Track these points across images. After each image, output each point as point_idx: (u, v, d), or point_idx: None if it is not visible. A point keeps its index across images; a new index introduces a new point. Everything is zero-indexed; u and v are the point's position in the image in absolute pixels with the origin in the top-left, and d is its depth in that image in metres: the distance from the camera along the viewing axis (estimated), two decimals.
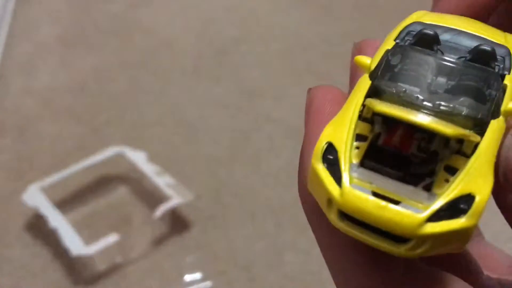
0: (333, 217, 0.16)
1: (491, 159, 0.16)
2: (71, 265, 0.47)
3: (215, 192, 0.53)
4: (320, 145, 0.17)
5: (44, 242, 0.49)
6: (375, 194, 0.16)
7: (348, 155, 0.17)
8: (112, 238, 0.45)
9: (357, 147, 0.17)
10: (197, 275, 0.47)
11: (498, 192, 0.17)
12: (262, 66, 0.67)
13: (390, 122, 0.17)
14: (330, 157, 0.17)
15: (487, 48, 0.18)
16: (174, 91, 0.64)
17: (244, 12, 0.76)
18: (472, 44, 0.18)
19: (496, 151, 0.16)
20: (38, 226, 0.49)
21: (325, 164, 0.17)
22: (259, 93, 0.64)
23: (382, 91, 0.18)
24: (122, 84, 0.65)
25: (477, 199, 0.15)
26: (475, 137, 0.16)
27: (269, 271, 0.47)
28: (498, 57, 0.18)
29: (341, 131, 0.17)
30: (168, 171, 0.52)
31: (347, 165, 0.16)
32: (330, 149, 0.17)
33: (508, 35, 0.19)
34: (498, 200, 0.17)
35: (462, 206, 0.15)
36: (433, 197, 0.16)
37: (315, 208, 0.17)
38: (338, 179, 0.16)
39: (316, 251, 0.19)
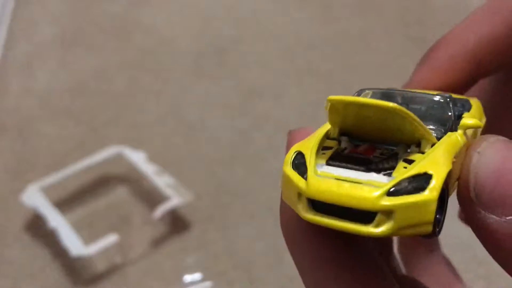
0: (302, 209, 0.17)
1: (447, 155, 0.17)
2: (70, 265, 0.47)
3: (215, 192, 0.53)
4: (290, 154, 0.19)
5: (44, 242, 0.49)
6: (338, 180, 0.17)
7: (314, 158, 0.18)
8: (111, 238, 0.45)
9: (323, 153, 0.19)
10: (197, 276, 0.46)
11: (469, 210, 0.18)
12: (262, 66, 0.67)
13: (356, 141, 0.19)
14: (298, 161, 0.18)
15: (446, 95, 0.20)
16: (173, 91, 0.64)
17: (244, 12, 0.76)
18: (433, 96, 0.20)
19: (452, 151, 0.18)
20: (37, 226, 0.49)
21: (294, 167, 0.18)
22: (259, 93, 0.63)
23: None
24: (121, 84, 0.65)
25: (434, 176, 0.16)
26: (432, 137, 0.18)
27: (269, 271, 0.47)
28: (458, 103, 0.20)
29: (309, 143, 0.19)
30: (167, 171, 0.52)
31: (313, 163, 0.18)
32: (299, 156, 0.18)
33: (471, 97, 0.22)
34: (468, 218, 0.18)
35: (420, 182, 0.16)
36: (392, 178, 0.17)
37: (295, 233, 0.19)
38: (304, 174, 0.18)
39: None
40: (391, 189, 0.16)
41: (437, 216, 0.16)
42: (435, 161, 0.17)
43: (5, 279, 0.46)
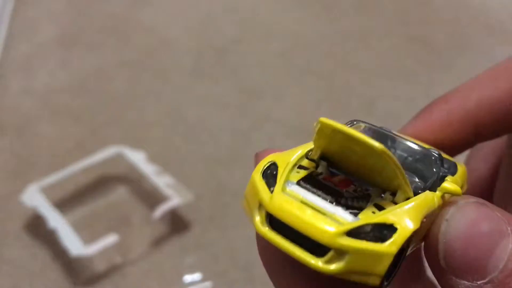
0: (258, 221, 0.17)
1: (418, 213, 0.17)
2: (70, 265, 0.47)
3: (215, 192, 0.53)
4: (264, 162, 0.18)
5: (43, 243, 0.49)
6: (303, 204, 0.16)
7: (287, 174, 0.18)
8: (111, 239, 0.45)
9: (298, 172, 0.18)
10: (197, 276, 0.46)
11: (439, 276, 0.18)
12: (262, 66, 0.67)
13: (334, 168, 0.19)
14: (270, 172, 0.18)
15: (435, 153, 0.20)
16: (173, 91, 0.64)
17: (244, 12, 0.76)
18: (422, 149, 0.20)
19: (424, 211, 0.17)
20: (37, 227, 0.49)
21: (264, 177, 0.18)
22: (259, 93, 0.63)
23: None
24: (121, 84, 0.65)
25: (399, 231, 0.16)
26: (409, 190, 0.17)
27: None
28: (445, 164, 0.20)
29: (286, 156, 0.19)
30: (167, 171, 0.52)
31: (283, 179, 0.17)
32: (273, 167, 0.18)
33: (459, 162, 0.22)
34: (440, 283, 0.18)
35: (383, 232, 0.16)
36: (356, 219, 0.16)
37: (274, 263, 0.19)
38: (272, 187, 0.17)
39: None
40: (352, 230, 0.16)
41: (389, 270, 0.16)
42: (405, 216, 0.16)
43: (5, 279, 0.46)
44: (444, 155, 0.22)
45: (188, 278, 0.46)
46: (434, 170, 0.19)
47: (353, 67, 0.66)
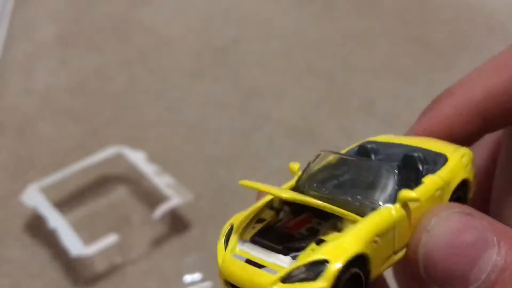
0: (221, 283, 0.19)
1: (362, 236, 0.17)
2: (70, 265, 0.47)
3: (215, 192, 0.53)
4: (225, 227, 0.20)
5: (43, 243, 0.49)
6: (249, 261, 0.18)
7: (240, 233, 0.19)
8: (111, 239, 0.45)
9: (253, 227, 0.20)
10: (197, 276, 0.46)
11: (421, 286, 0.19)
12: (262, 66, 0.67)
13: (296, 210, 0.20)
14: (227, 236, 0.20)
15: (414, 154, 0.21)
16: (173, 91, 0.64)
17: (244, 12, 0.76)
18: (381, 165, 0.21)
19: (374, 229, 0.18)
20: (37, 226, 0.49)
21: (225, 242, 0.20)
22: (259, 93, 0.63)
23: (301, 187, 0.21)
24: (121, 84, 0.65)
25: (331, 263, 0.16)
26: (352, 216, 0.18)
27: None
28: (429, 161, 0.21)
29: (243, 216, 0.20)
30: (167, 171, 0.52)
31: (235, 240, 0.19)
32: (231, 229, 0.20)
33: (460, 147, 0.23)
34: None
35: (316, 270, 0.16)
36: (293, 262, 0.17)
37: None
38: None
39: None
40: (287, 276, 0.17)
41: None
42: (341, 245, 0.17)
43: (5, 279, 0.46)
44: (434, 149, 0.22)
45: (188, 278, 0.46)
46: (391, 184, 0.19)
47: (353, 67, 0.66)
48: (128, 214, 0.51)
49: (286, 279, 0.17)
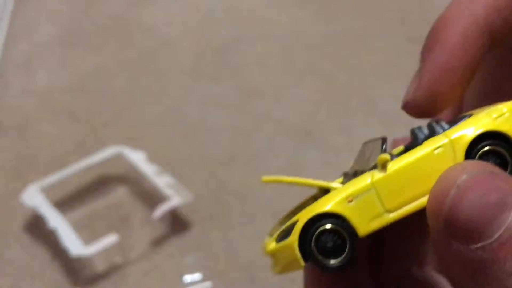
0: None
1: (333, 197, 0.20)
2: (70, 265, 0.47)
3: (215, 192, 0.53)
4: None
5: (43, 243, 0.49)
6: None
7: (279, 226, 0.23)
8: (111, 239, 0.45)
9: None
10: (197, 276, 0.46)
11: (435, 234, 0.18)
12: (262, 65, 0.67)
13: None
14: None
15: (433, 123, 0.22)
16: (173, 91, 0.64)
17: (244, 11, 0.76)
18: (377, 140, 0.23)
19: (344, 190, 0.20)
20: (37, 227, 0.49)
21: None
22: (259, 93, 0.63)
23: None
24: (121, 84, 0.65)
25: (298, 223, 0.20)
26: (326, 184, 0.21)
27: (269, 271, 0.46)
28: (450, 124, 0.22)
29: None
30: (167, 171, 0.52)
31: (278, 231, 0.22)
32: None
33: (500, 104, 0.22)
34: (434, 241, 0.19)
35: (291, 229, 0.20)
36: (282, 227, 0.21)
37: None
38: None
39: None
40: (278, 238, 0.21)
41: (347, 252, 0.20)
42: (312, 208, 0.20)
43: (5, 279, 0.46)
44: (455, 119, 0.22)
45: (188, 278, 0.46)
46: (378, 149, 0.21)
47: (353, 67, 0.66)
48: (128, 214, 0.51)
49: (278, 240, 0.21)
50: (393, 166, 0.20)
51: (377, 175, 0.20)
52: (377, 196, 0.20)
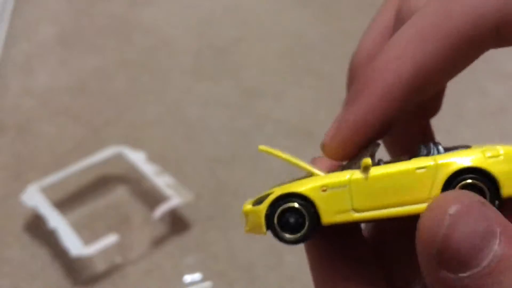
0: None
1: (311, 183, 0.22)
2: (70, 265, 0.47)
3: (215, 192, 0.53)
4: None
5: (43, 243, 0.49)
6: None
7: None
8: (111, 239, 0.45)
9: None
10: (197, 276, 0.46)
11: (425, 262, 0.19)
12: (262, 66, 0.67)
13: None
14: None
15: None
16: (173, 90, 0.64)
17: (244, 11, 0.76)
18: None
19: (322, 180, 0.22)
20: (37, 227, 0.49)
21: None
22: (259, 93, 0.63)
23: None
24: (121, 84, 0.65)
25: (271, 196, 0.22)
26: (311, 170, 0.23)
27: (269, 271, 0.47)
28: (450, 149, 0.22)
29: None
30: (167, 171, 0.52)
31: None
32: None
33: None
34: (423, 268, 0.19)
35: (264, 199, 0.22)
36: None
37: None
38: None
39: None
40: (254, 203, 0.23)
41: (302, 225, 0.22)
42: (289, 186, 0.22)
43: (5, 279, 0.46)
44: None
45: (188, 278, 0.46)
46: (367, 153, 0.22)
47: None
48: (128, 214, 0.51)
49: (254, 205, 0.22)
50: (374, 171, 0.21)
51: (356, 175, 0.21)
52: (349, 193, 0.21)
